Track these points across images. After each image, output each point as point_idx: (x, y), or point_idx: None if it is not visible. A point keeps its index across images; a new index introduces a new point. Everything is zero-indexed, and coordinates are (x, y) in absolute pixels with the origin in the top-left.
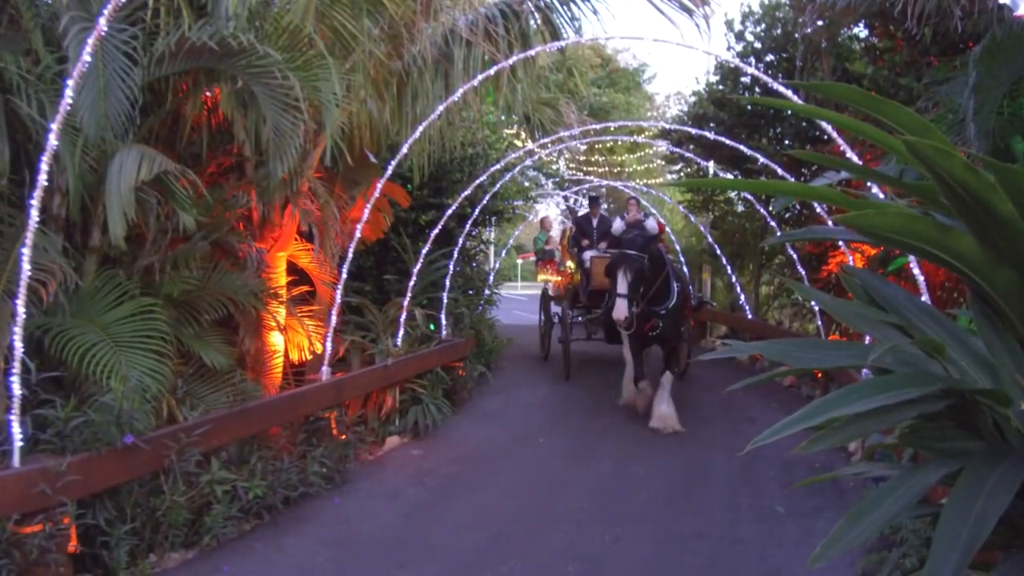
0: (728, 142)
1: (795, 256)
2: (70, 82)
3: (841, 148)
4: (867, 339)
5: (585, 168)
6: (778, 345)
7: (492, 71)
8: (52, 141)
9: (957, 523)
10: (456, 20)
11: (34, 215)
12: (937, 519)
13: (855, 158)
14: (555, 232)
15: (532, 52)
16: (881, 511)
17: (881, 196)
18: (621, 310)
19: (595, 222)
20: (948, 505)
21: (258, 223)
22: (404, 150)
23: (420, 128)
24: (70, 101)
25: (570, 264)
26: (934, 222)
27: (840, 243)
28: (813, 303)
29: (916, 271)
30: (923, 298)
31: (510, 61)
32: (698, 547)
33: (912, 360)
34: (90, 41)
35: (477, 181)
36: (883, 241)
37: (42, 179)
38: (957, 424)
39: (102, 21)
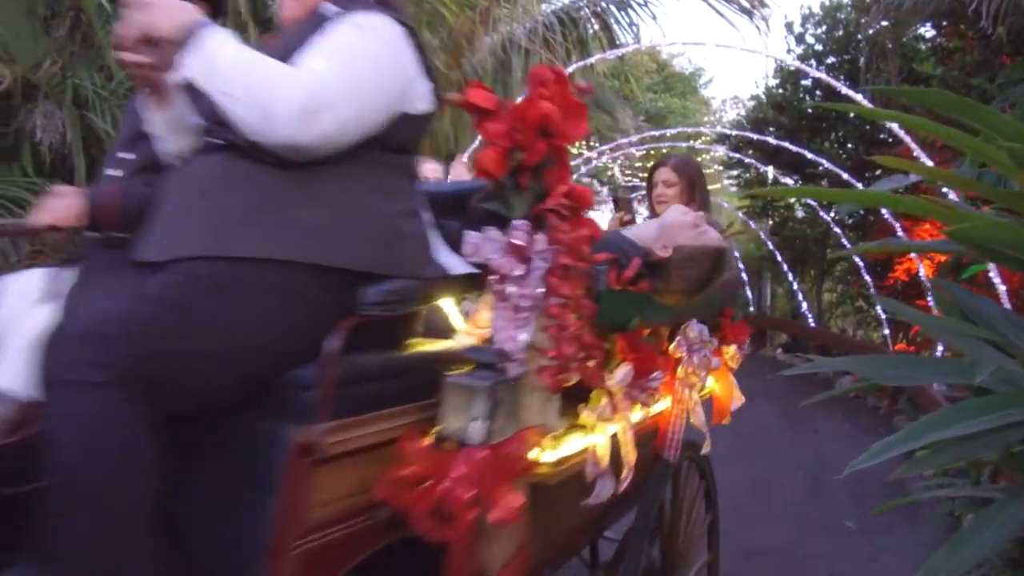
0: (790, 147)
1: (860, 263)
2: None
3: (914, 152)
4: (939, 349)
5: (640, 174)
6: (868, 362)
7: None
8: None
9: None
10: (514, 30)
11: None
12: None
13: (928, 161)
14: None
15: (592, 60)
16: (984, 538)
17: (956, 200)
18: None
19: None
20: None
21: None
22: (464, 158)
23: (479, 138)
24: None
25: None
26: None
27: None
28: (879, 310)
29: (996, 279)
30: (1006, 307)
31: (569, 69)
32: (762, 562)
33: (1012, 379)
34: None
35: None
36: (986, 254)
37: None
38: None
39: None
